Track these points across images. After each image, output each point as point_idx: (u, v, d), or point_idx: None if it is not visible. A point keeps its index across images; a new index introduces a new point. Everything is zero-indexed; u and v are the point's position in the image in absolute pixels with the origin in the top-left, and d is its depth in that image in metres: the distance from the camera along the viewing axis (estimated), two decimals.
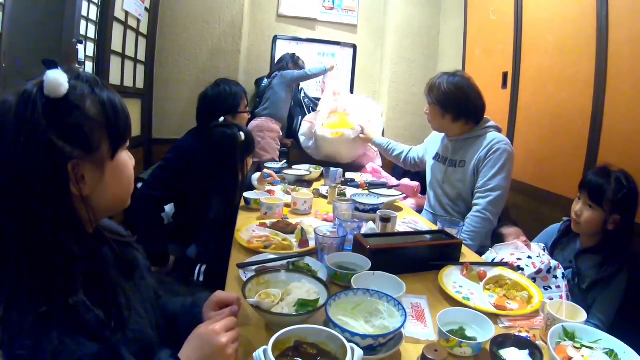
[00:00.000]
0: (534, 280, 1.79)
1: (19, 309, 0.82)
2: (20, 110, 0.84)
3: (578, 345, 1.15)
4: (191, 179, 2.41)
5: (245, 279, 1.36)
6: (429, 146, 3.03)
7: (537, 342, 1.17)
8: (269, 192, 2.70)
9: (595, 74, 2.65)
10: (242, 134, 2.36)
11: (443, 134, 2.85)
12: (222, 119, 2.46)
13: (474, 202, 2.52)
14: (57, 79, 0.85)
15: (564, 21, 2.99)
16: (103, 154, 0.94)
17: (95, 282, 0.92)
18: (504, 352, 1.11)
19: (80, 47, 2.99)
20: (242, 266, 1.58)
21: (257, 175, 2.95)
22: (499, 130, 2.67)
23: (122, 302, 0.97)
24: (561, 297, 1.78)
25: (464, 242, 2.36)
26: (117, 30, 3.65)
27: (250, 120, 4.03)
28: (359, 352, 0.95)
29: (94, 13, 3.28)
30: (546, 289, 1.81)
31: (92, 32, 3.29)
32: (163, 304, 1.30)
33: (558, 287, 1.84)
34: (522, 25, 3.47)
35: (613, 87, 2.55)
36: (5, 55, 2.29)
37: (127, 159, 1.02)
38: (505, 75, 3.64)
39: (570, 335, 1.19)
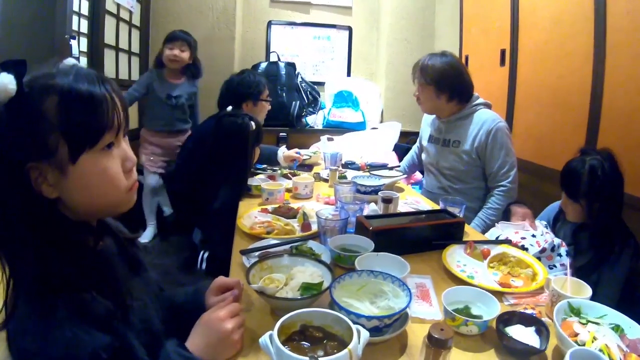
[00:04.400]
0: (539, 259, 1.79)
1: (27, 302, 0.81)
2: None
3: (584, 321, 1.14)
4: (206, 163, 2.42)
5: (248, 265, 1.36)
6: (423, 132, 3.03)
7: (543, 319, 1.17)
8: (270, 177, 2.70)
9: (594, 48, 2.63)
10: (252, 123, 2.35)
11: (433, 117, 2.88)
12: (229, 108, 2.46)
13: (497, 184, 2.57)
14: (3, 85, 0.79)
15: None
16: (61, 157, 0.85)
17: (100, 272, 0.90)
18: (510, 330, 1.11)
19: (73, 42, 2.99)
20: (245, 252, 1.57)
21: (283, 149, 3.02)
22: (488, 106, 2.70)
23: (127, 291, 0.95)
24: (566, 274, 1.77)
25: (488, 218, 2.45)
26: (109, 24, 3.64)
27: None
28: (365, 333, 0.95)
29: (85, 7, 3.26)
30: (551, 268, 1.80)
31: (84, 26, 3.28)
32: (168, 295, 1.30)
33: (562, 265, 1.84)
34: (519, 1, 3.43)
35: (612, 61, 2.52)
36: None
37: (103, 164, 0.90)
38: (503, 52, 3.62)
39: (575, 311, 1.19)
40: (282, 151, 3.01)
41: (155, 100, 3.62)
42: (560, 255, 1.86)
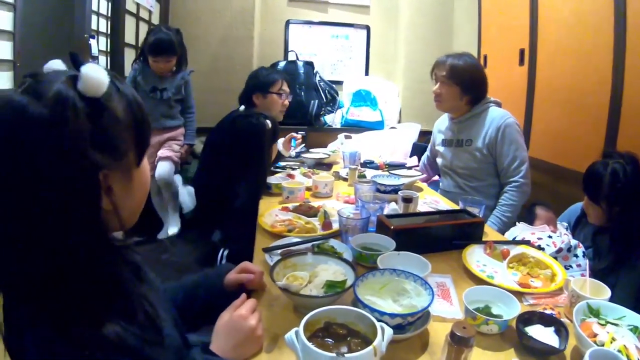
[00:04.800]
0: (555, 259, 1.80)
1: (52, 327, 0.70)
2: (59, 117, 0.68)
3: (603, 322, 1.15)
4: (227, 161, 2.45)
5: (271, 263, 1.39)
6: (436, 138, 3.03)
7: (562, 319, 1.18)
8: (289, 176, 2.72)
9: (613, 46, 2.61)
10: (268, 122, 2.37)
11: (444, 122, 2.90)
12: (242, 107, 2.48)
13: (508, 180, 2.57)
14: (98, 76, 0.72)
15: None
16: (130, 160, 0.82)
17: (119, 295, 0.80)
18: (529, 329, 1.12)
19: (92, 41, 3.03)
20: (268, 250, 1.60)
21: (281, 140, 3.01)
22: (498, 104, 2.71)
23: (150, 311, 0.86)
24: (582, 275, 1.78)
25: (503, 215, 2.46)
26: (129, 23, 3.68)
27: None
28: (388, 331, 0.97)
29: (104, 7, 3.31)
30: (567, 268, 1.80)
31: (103, 26, 3.32)
32: (183, 281, 1.33)
33: (579, 265, 1.84)
34: None
35: (632, 60, 2.51)
36: (19, 55, 2.33)
37: (146, 164, 0.91)
38: (522, 51, 3.60)
39: (594, 312, 1.19)
40: (281, 142, 3.00)
41: (141, 94, 3.55)
42: (576, 256, 1.87)
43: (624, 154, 1.93)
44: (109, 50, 3.45)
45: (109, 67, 3.40)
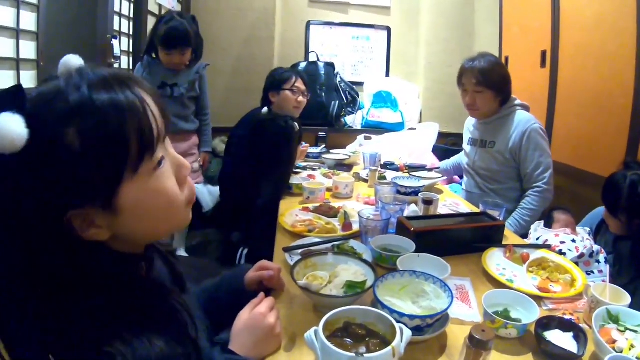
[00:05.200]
0: (577, 264, 1.79)
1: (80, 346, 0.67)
2: None
3: (622, 329, 1.15)
4: (252, 162, 2.49)
5: (291, 263, 1.40)
6: (465, 136, 3.03)
7: (581, 325, 1.18)
8: (310, 176, 2.74)
9: (636, 49, 2.59)
10: (295, 124, 2.41)
11: (473, 121, 2.89)
12: (265, 109, 2.51)
13: (532, 185, 2.55)
14: (5, 131, 0.61)
15: None
16: (104, 195, 0.70)
17: (159, 308, 0.80)
18: (548, 334, 1.12)
19: (115, 42, 3.06)
20: (288, 250, 1.62)
21: None
22: (526, 108, 2.68)
23: (190, 324, 0.85)
24: (604, 281, 1.77)
25: (522, 219, 2.46)
26: (151, 24, 3.72)
27: None
28: (407, 332, 0.98)
29: (126, 8, 3.36)
30: (589, 274, 1.79)
31: (125, 27, 3.37)
32: (203, 284, 1.34)
33: (600, 271, 1.83)
34: (560, 1, 3.39)
35: None
36: (43, 54, 2.38)
37: (156, 186, 0.76)
38: (544, 53, 3.58)
39: (614, 318, 1.19)
40: None
41: None
42: (598, 262, 1.85)
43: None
44: (131, 51, 3.50)
45: (130, 67, 3.46)
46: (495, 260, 1.64)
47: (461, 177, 3.30)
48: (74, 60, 0.74)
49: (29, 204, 0.65)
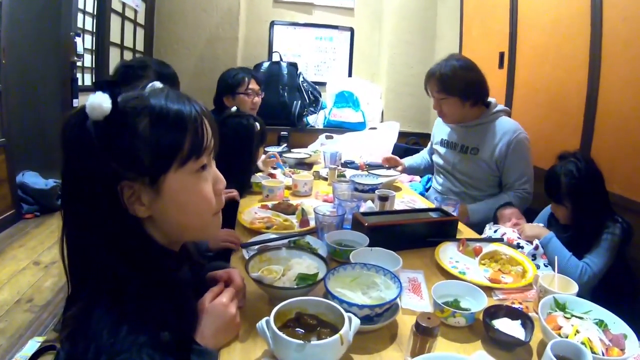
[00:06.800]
0: (534, 257, 1.84)
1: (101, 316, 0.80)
2: (69, 135, 0.83)
3: (568, 316, 1.18)
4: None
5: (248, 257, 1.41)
6: (435, 135, 2.95)
7: (530, 314, 1.21)
8: (270, 175, 2.73)
9: (590, 52, 2.67)
10: (257, 124, 2.40)
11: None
12: (234, 108, 2.50)
13: (511, 190, 2.53)
14: (97, 102, 0.80)
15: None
16: (155, 176, 0.87)
17: (174, 302, 0.93)
18: (496, 322, 1.15)
19: (78, 39, 3.03)
20: (245, 246, 1.62)
21: (262, 157, 2.99)
22: (508, 113, 2.66)
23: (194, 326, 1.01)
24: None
25: (490, 208, 2.42)
26: (114, 22, 3.68)
27: None
28: (355, 321, 1.00)
29: (90, 6, 3.32)
30: (547, 266, 1.83)
31: (89, 24, 3.32)
32: None
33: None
34: (518, 4, 3.47)
35: (608, 66, 2.55)
36: (5, 52, 2.32)
37: (198, 184, 0.94)
38: (502, 55, 3.66)
39: (561, 306, 1.22)
40: (261, 160, 2.90)
41: None
42: None
43: (575, 152, 2.02)
44: (94, 48, 3.45)
45: (93, 65, 3.40)
46: (448, 254, 1.67)
47: (421, 177, 3.33)
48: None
49: (98, 166, 0.82)
